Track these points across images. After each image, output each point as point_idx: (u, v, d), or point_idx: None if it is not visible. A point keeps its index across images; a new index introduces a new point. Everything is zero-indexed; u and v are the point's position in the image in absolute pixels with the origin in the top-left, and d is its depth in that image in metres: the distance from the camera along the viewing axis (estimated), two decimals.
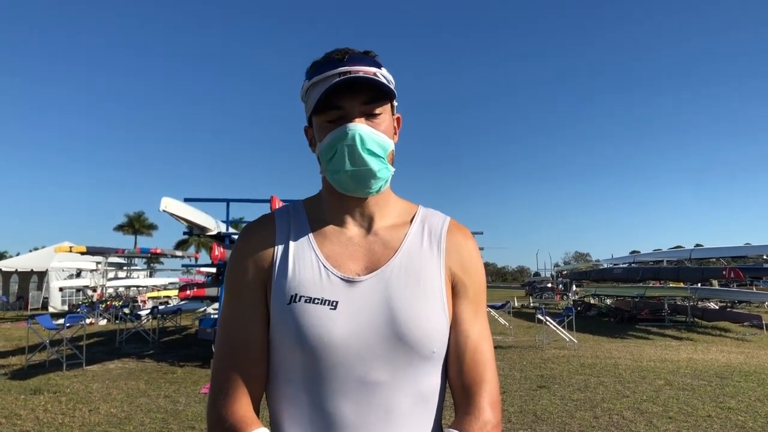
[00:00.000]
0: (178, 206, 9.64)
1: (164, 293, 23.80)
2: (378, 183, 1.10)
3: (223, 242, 11.01)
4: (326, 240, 1.14)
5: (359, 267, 1.11)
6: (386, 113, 1.12)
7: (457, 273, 1.15)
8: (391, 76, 1.14)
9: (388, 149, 1.11)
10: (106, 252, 19.66)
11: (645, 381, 8.29)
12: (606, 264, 28.75)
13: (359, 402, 1.04)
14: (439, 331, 1.08)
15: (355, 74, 1.06)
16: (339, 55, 1.09)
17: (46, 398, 7.26)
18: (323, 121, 1.10)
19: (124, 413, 6.53)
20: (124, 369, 9.60)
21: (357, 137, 1.04)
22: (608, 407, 6.68)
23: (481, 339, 1.14)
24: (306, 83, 1.13)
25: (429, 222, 1.20)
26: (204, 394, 7.55)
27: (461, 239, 1.18)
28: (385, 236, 1.15)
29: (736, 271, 16.22)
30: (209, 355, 10.10)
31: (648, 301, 20.37)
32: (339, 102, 1.07)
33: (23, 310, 25.25)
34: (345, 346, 1.04)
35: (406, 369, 1.06)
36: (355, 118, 1.07)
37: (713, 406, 6.72)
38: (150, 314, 15.04)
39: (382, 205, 1.17)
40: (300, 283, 1.08)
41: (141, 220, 59.74)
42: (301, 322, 1.04)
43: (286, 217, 1.19)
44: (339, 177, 1.08)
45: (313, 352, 1.04)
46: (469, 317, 1.14)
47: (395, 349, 1.05)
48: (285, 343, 1.06)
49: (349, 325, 1.04)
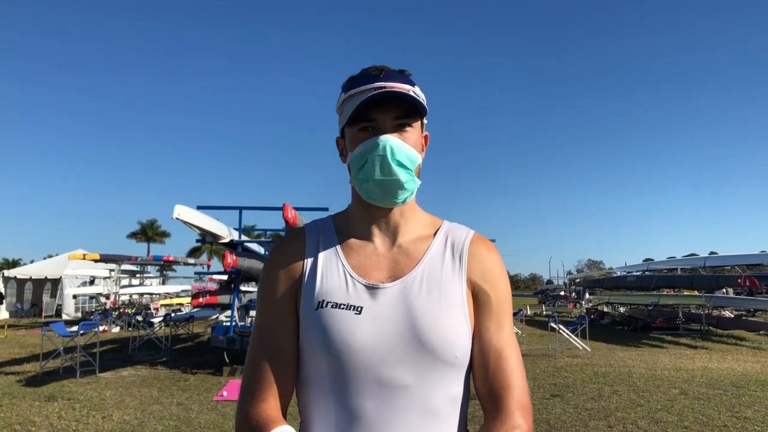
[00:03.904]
0: (191, 214, 9.69)
1: (177, 301, 23.89)
2: (404, 194, 1.14)
3: (235, 250, 11.05)
4: (352, 251, 1.19)
5: (383, 276, 1.15)
6: (416, 129, 1.17)
7: (479, 284, 1.17)
8: (424, 95, 1.19)
9: (416, 162, 1.15)
10: (120, 259, 19.76)
11: (659, 390, 8.21)
12: (619, 272, 28.58)
13: (384, 404, 1.07)
14: (460, 338, 1.11)
15: (390, 89, 1.10)
16: (376, 71, 1.15)
17: (60, 405, 7.30)
18: (356, 132, 1.14)
19: (137, 420, 6.56)
20: (137, 376, 9.64)
21: (388, 148, 1.09)
22: (622, 416, 6.62)
23: (506, 346, 1.15)
24: (342, 95, 1.19)
25: (452, 235, 1.23)
26: (216, 401, 7.57)
27: (484, 251, 1.21)
28: (409, 248, 1.19)
29: (751, 279, 16.04)
30: (222, 362, 10.14)
31: (662, 310, 20.18)
32: (373, 114, 1.12)
33: (37, 318, 25.49)
34: (369, 349, 1.07)
35: (430, 373, 1.08)
36: (386, 131, 1.12)
37: (729, 416, 6.64)
38: (163, 321, 15.13)
39: (407, 216, 1.21)
40: (327, 290, 1.13)
41: (154, 227, 60.04)
42: (327, 327, 1.09)
43: (315, 231, 1.25)
44: (368, 186, 1.13)
45: (338, 355, 1.08)
46: (492, 326, 1.16)
47: (418, 354, 1.07)
48: (312, 347, 1.11)
49: (373, 330, 1.08)
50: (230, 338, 10.35)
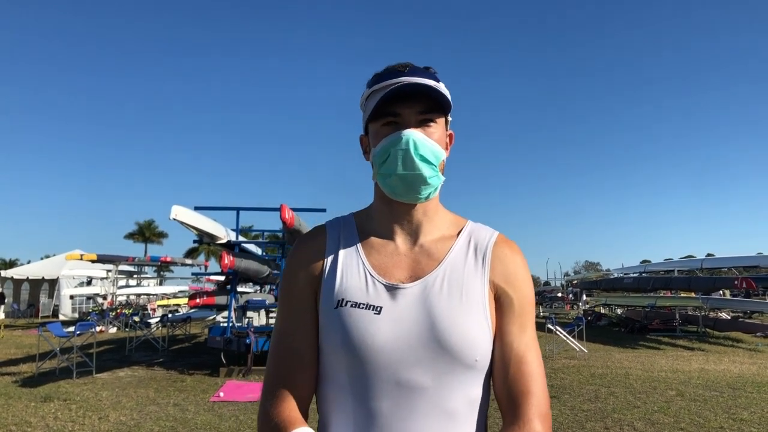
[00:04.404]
0: (188, 214, 9.69)
1: (174, 301, 23.87)
2: (428, 189, 1.13)
3: (232, 250, 11.04)
4: (373, 250, 1.18)
5: (404, 275, 1.14)
6: (440, 125, 1.15)
7: (502, 286, 1.16)
8: (449, 93, 1.17)
9: (440, 158, 1.14)
10: (117, 260, 19.76)
11: (656, 391, 8.23)
12: (616, 273, 28.58)
13: (402, 405, 1.06)
14: (480, 340, 1.09)
15: (414, 83, 1.10)
16: (400, 67, 1.14)
17: (56, 406, 7.29)
18: (379, 127, 1.13)
19: (133, 421, 6.55)
20: (133, 377, 9.63)
21: (411, 142, 1.08)
22: (619, 418, 6.63)
23: (528, 351, 1.13)
24: (366, 91, 1.18)
25: (476, 236, 1.21)
26: (213, 402, 7.56)
27: (508, 253, 1.19)
28: (431, 248, 1.18)
29: (748, 281, 16.08)
30: (218, 363, 10.13)
31: (659, 311, 20.20)
32: (396, 109, 1.11)
33: (34, 318, 25.44)
34: (388, 349, 1.07)
35: (449, 375, 1.07)
36: (410, 126, 1.11)
37: (725, 418, 6.65)
38: (160, 322, 15.11)
39: (430, 215, 1.20)
40: (347, 289, 1.13)
41: (151, 228, 59.98)
42: (346, 326, 1.09)
43: (336, 228, 1.24)
44: (390, 180, 1.12)
45: (357, 354, 1.07)
46: (514, 330, 1.14)
47: (437, 355, 1.06)
48: (331, 346, 1.11)
49: (392, 330, 1.08)
50: (227, 339, 10.33)
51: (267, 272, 12.07)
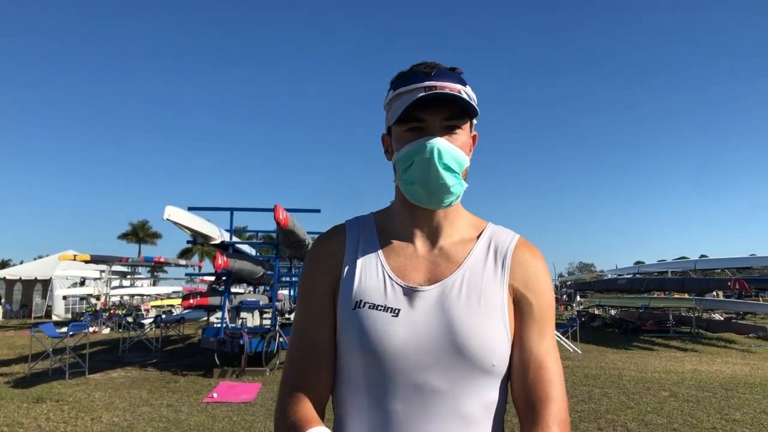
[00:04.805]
0: (182, 215, 9.67)
1: (168, 302, 23.81)
2: (450, 197, 1.12)
3: (226, 251, 11.02)
4: (392, 251, 1.18)
5: (422, 278, 1.13)
6: (465, 130, 1.14)
7: (521, 291, 1.14)
8: (474, 94, 1.16)
9: (464, 165, 1.12)
10: (110, 260, 19.68)
11: (649, 392, 8.25)
12: (610, 274, 28.66)
13: (417, 408, 1.06)
14: (498, 345, 1.08)
15: (440, 90, 1.07)
16: (426, 68, 1.12)
17: (49, 407, 7.25)
18: (403, 132, 1.12)
19: (126, 422, 6.52)
20: (126, 378, 9.59)
21: (435, 151, 1.07)
22: (612, 419, 6.64)
23: (547, 356, 1.12)
24: (391, 93, 1.16)
25: (496, 239, 1.20)
26: (206, 403, 7.54)
27: (528, 257, 1.18)
28: (450, 251, 1.17)
29: (741, 282, 16.14)
30: (212, 364, 10.10)
31: (652, 312, 20.25)
32: (421, 115, 1.09)
33: (27, 318, 25.33)
34: (404, 352, 1.06)
35: (466, 380, 1.07)
36: (435, 132, 1.09)
37: (718, 418, 6.68)
38: (153, 323, 15.08)
39: (451, 219, 1.19)
40: (365, 290, 1.12)
41: (145, 228, 59.80)
42: (363, 327, 1.09)
43: (356, 228, 1.23)
44: (413, 188, 1.11)
45: (373, 356, 1.07)
46: (533, 335, 1.13)
47: (454, 360, 1.06)
48: (348, 347, 1.11)
49: (409, 333, 1.07)
50: (221, 340, 10.32)
51: (261, 273, 12.06)
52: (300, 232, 11.05)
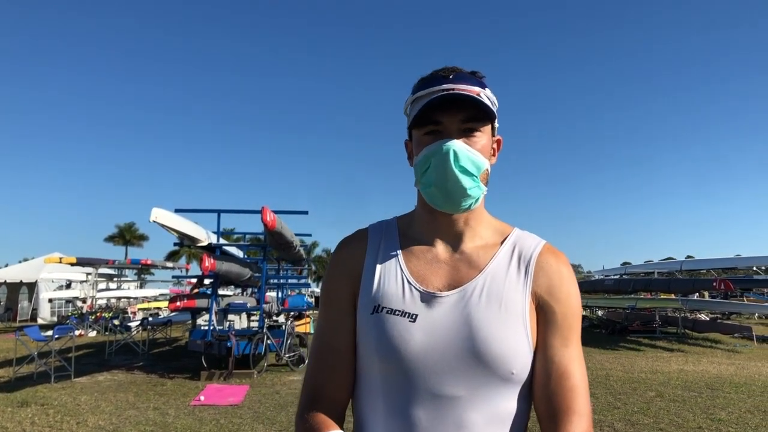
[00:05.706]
0: (168, 217, 9.62)
1: (155, 304, 23.65)
2: (468, 201, 1.10)
3: (213, 253, 10.97)
4: (413, 256, 1.17)
5: (442, 284, 1.12)
6: (485, 133, 1.13)
7: (545, 298, 1.12)
8: (495, 97, 1.15)
9: (483, 168, 1.11)
10: (97, 263, 19.54)
11: (636, 392, 8.30)
12: (597, 275, 28.88)
13: (433, 415, 1.05)
14: (519, 353, 1.06)
15: (456, 92, 1.07)
16: (445, 72, 1.12)
17: (34, 411, 7.18)
18: (421, 135, 1.12)
19: (112, 426, 6.47)
20: (113, 381, 9.52)
21: (451, 153, 1.06)
22: (599, 419, 6.68)
23: (570, 363, 1.10)
24: (410, 97, 1.16)
25: (521, 244, 1.18)
26: (193, 406, 7.50)
27: (553, 263, 1.15)
28: (472, 256, 1.15)
29: (726, 282, 16.27)
30: (199, 366, 10.05)
31: (639, 313, 20.40)
32: (438, 117, 1.08)
33: (12, 322, 25.03)
34: (421, 358, 1.06)
35: (483, 388, 1.05)
36: (452, 135, 1.08)
37: (704, 418, 6.73)
38: (140, 326, 14.95)
39: (473, 224, 1.18)
40: (383, 295, 1.12)
41: (132, 230, 59.52)
42: (381, 332, 1.08)
43: (378, 232, 1.23)
44: (430, 191, 1.11)
45: (390, 361, 1.07)
46: (556, 343, 1.10)
47: (472, 367, 1.04)
48: (366, 351, 1.11)
49: (426, 339, 1.06)
50: (208, 343, 10.26)
51: (248, 275, 12.01)
52: (288, 233, 11.02)
